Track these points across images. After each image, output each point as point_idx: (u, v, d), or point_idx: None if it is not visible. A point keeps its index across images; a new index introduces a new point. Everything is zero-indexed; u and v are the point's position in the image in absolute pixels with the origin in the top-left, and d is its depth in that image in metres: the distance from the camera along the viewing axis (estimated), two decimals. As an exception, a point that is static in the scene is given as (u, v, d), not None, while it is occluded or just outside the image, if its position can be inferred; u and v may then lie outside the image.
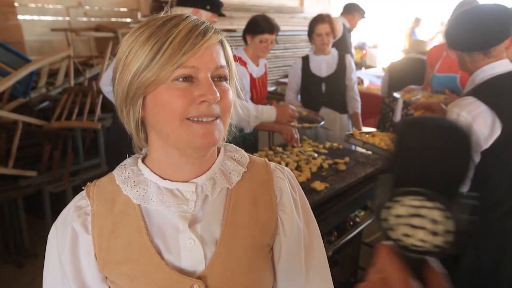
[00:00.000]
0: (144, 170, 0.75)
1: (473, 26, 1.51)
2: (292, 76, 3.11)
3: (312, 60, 3.00)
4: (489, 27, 1.48)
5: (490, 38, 1.49)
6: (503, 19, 1.46)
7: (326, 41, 2.87)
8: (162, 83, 0.65)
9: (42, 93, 3.34)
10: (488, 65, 1.52)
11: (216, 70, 0.68)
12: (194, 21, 0.68)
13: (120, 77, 0.68)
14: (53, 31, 4.29)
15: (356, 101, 3.04)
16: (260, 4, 6.63)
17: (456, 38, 1.56)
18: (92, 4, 4.79)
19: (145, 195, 0.72)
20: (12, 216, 2.81)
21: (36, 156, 3.14)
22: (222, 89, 0.69)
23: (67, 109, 3.10)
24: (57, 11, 4.51)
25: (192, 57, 0.65)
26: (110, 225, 0.72)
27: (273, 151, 2.38)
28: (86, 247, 0.72)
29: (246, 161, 0.81)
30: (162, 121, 0.67)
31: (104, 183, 0.76)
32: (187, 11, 2.31)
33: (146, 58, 0.64)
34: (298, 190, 0.85)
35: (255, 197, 0.78)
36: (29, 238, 2.92)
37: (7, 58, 3.07)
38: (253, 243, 0.76)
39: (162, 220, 0.73)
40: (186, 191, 0.72)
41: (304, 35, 6.80)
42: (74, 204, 0.75)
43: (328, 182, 1.93)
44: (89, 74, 3.60)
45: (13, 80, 2.81)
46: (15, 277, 2.68)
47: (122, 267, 0.71)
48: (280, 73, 6.32)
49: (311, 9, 7.70)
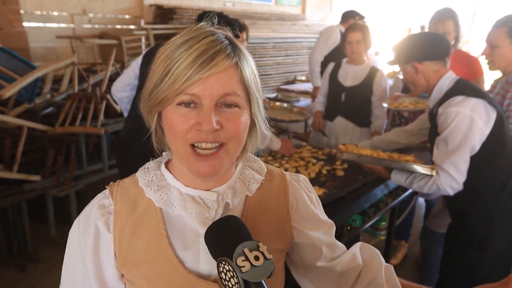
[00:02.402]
0: (167, 176, 0.77)
1: (433, 41, 1.84)
2: (323, 79, 3.12)
3: (342, 67, 2.97)
4: (445, 43, 1.83)
5: (447, 51, 1.83)
6: (445, 40, 1.86)
7: (355, 50, 2.81)
8: (167, 105, 0.68)
9: (46, 99, 3.40)
10: (446, 75, 1.81)
11: (222, 97, 0.66)
12: (209, 43, 0.66)
13: (144, 89, 0.73)
14: (58, 38, 4.35)
15: (379, 120, 2.90)
16: (262, 11, 6.71)
17: (427, 49, 1.81)
18: (96, 11, 4.86)
19: (167, 199, 0.74)
20: (16, 219, 2.85)
21: (40, 161, 3.18)
22: (227, 117, 0.67)
23: (71, 115, 3.16)
24: (62, 18, 4.59)
25: (193, 85, 0.65)
26: (131, 226, 0.74)
27: (272, 157, 2.43)
28: (107, 245, 0.74)
29: (263, 170, 0.83)
30: (170, 140, 0.71)
31: (128, 184, 0.78)
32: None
33: (158, 78, 0.68)
34: (316, 197, 0.89)
35: (271, 205, 0.81)
36: (32, 242, 2.95)
37: (12, 64, 3.13)
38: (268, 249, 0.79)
39: (183, 224, 0.75)
40: (207, 199, 0.75)
41: (305, 42, 6.89)
42: (97, 202, 0.76)
43: (326, 187, 1.96)
44: (93, 80, 3.66)
45: (19, 86, 2.86)
46: (18, 281, 2.70)
47: (141, 268, 0.73)
48: (281, 80, 6.37)
49: (313, 16, 7.78)
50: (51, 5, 4.47)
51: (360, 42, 2.79)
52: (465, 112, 1.65)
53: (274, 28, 6.32)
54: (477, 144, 1.68)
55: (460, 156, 1.67)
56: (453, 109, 1.68)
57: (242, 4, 6.53)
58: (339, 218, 1.87)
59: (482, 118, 1.66)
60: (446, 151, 1.70)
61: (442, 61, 1.82)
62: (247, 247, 0.58)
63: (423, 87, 1.87)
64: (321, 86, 3.15)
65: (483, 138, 1.68)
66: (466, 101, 1.67)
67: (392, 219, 2.48)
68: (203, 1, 5.95)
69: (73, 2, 4.64)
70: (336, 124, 3.01)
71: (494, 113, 1.68)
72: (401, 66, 1.90)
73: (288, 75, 6.49)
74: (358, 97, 2.88)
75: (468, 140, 1.66)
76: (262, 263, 0.57)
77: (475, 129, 1.65)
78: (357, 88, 2.87)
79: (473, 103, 1.66)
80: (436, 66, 1.80)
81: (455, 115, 1.67)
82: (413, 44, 1.85)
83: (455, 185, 1.70)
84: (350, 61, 2.92)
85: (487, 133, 1.67)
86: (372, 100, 2.87)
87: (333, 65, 3.05)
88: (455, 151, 1.67)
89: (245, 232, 0.62)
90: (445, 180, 1.70)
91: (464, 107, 1.66)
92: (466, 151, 1.67)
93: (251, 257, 0.57)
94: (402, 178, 1.87)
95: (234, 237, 0.60)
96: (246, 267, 0.56)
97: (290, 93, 5.06)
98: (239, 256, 0.57)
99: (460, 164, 1.68)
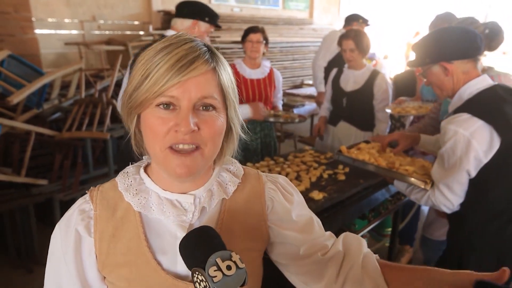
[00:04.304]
0: (145, 180, 0.79)
1: (463, 37, 1.58)
2: (328, 85, 3.14)
3: (344, 73, 2.99)
4: (478, 39, 1.57)
5: (478, 47, 1.57)
6: (477, 35, 1.58)
7: (349, 57, 2.83)
8: (146, 107, 0.70)
9: (54, 104, 3.46)
10: (474, 80, 1.58)
11: (200, 100, 0.69)
12: (188, 49, 0.69)
13: (124, 92, 0.75)
14: (66, 45, 4.44)
15: (382, 124, 2.90)
16: (270, 16, 6.73)
17: (453, 47, 1.58)
18: (106, 18, 4.95)
19: (145, 203, 0.76)
20: (24, 223, 2.90)
21: (47, 165, 3.24)
22: (205, 119, 0.70)
23: (78, 120, 3.21)
24: (72, 25, 4.68)
25: (172, 87, 0.67)
26: (111, 229, 0.76)
27: (274, 161, 2.43)
28: (89, 249, 0.76)
29: (240, 173, 0.85)
30: (148, 143, 0.73)
31: (107, 188, 0.80)
32: (187, 22, 2.36)
33: (138, 81, 0.70)
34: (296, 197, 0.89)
35: (247, 207, 0.83)
36: (39, 245, 3.00)
37: (21, 71, 3.21)
38: (244, 249, 0.81)
39: (161, 227, 0.77)
40: (185, 202, 0.76)
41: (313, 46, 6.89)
42: (78, 207, 0.78)
43: (327, 191, 1.96)
44: (100, 86, 3.72)
45: (27, 92, 2.93)
46: (25, 283, 2.75)
47: (121, 270, 0.75)
48: (288, 84, 6.37)
49: (321, 20, 7.77)
50: (62, 12, 4.57)
51: (353, 50, 2.79)
52: (463, 134, 1.48)
53: (282, 33, 6.34)
54: (472, 170, 1.52)
55: (454, 178, 1.55)
56: (452, 128, 1.52)
57: (249, 9, 6.57)
58: (337, 222, 1.86)
59: (483, 145, 1.48)
60: (442, 170, 1.59)
61: (474, 60, 1.58)
62: (219, 257, 0.59)
63: (450, 91, 1.64)
64: (326, 92, 3.17)
65: (478, 166, 1.51)
66: (469, 122, 1.49)
67: (396, 223, 2.46)
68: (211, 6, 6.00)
69: (83, 9, 4.73)
70: (339, 128, 3.02)
71: (499, 141, 1.47)
72: (425, 68, 1.67)
73: (295, 79, 6.50)
74: (359, 101, 2.88)
75: (463, 164, 1.51)
76: (235, 272, 0.58)
77: (471, 155, 1.49)
78: (357, 92, 2.87)
79: (476, 127, 1.47)
80: (467, 66, 1.58)
81: (453, 134, 1.51)
82: (440, 41, 1.60)
83: (449, 205, 1.60)
84: (350, 66, 2.93)
85: (485, 162, 1.50)
86: (374, 104, 2.87)
87: (335, 70, 3.07)
88: (450, 172, 1.55)
89: (219, 242, 0.63)
90: (439, 198, 1.61)
91: (464, 129, 1.48)
92: (461, 174, 1.53)
93: (223, 267, 0.58)
94: (403, 187, 1.80)
95: (208, 247, 0.61)
96: (218, 277, 0.57)
97: (296, 97, 5.06)
98: (211, 266, 0.58)
99: (454, 186, 1.56)
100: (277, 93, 3.02)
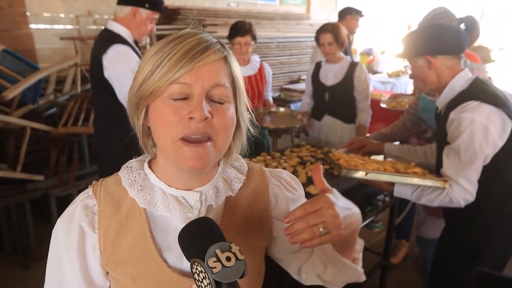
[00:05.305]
0: (150, 175, 0.78)
1: (449, 33, 1.65)
2: (307, 81, 3.16)
3: (322, 67, 3.00)
4: (463, 36, 1.65)
5: (462, 45, 1.66)
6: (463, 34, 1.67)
7: (328, 51, 2.85)
8: (158, 96, 0.69)
9: (50, 99, 3.44)
10: (460, 73, 1.66)
11: (212, 88, 0.68)
12: (199, 39, 0.69)
13: (131, 86, 0.74)
14: (61, 39, 4.41)
15: (363, 113, 2.95)
16: (266, 11, 6.70)
17: (439, 42, 1.64)
18: (102, 12, 4.91)
19: (150, 199, 0.74)
20: (20, 219, 2.89)
21: (43, 161, 3.23)
22: (217, 109, 0.69)
23: (74, 115, 3.20)
24: (67, 20, 4.64)
25: (186, 74, 0.66)
26: (116, 226, 0.75)
27: (271, 156, 2.43)
28: (93, 245, 0.75)
29: (245, 169, 0.85)
30: (158, 134, 0.71)
31: (111, 183, 0.78)
32: (126, 9, 2.20)
33: (150, 71, 0.69)
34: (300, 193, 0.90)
35: (251, 203, 0.83)
36: (36, 241, 3.00)
37: (16, 66, 3.18)
38: (249, 245, 0.80)
39: (166, 224, 0.76)
40: (190, 199, 0.75)
41: (310, 41, 6.86)
42: (80, 202, 0.77)
43: (323, 186, 1.96)
44: (96, 81, 3.69)
45: (22, 88, 2.90)
46: (21, 279, 2.75)
47: (126, 266, 0.74)
48: (285, 79, 6.36)
49: (318, 15, 7.75)
50: (57, 7, 4.52)
51: (332, 43, 2.82)
52: (479, 120, 1.50)
53: (279, 28, 6.30)
54: (490, 155, 1.55)
55: (473, 167, 1.54)
56: (467, 116, 1.52)
57: (246, 4, 6.53)
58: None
59: (497, 128, 1.52)
60: (458, 162, 1.57)
61: (457, 57, 1.66)
62: (219, 248, 0.59)
63: (434, 85, 1.70)
64: (306, 87, 3.19)
65: (495, 149, 1.55)
66: (480, 107, 1.52)
67: (392, 217, 2.46)
68: (208, 1, 5.97)
69: (79, 4, 4.69)
70: (324, 123, 3.05)
71: (510, 123, 1.54)
72: (411, 60, 1.73)
73: (292, 75, 6.47)
74: (341, 95, 2.93)
75: (482, 151, 1.52)
76: (234, 264, 0.58)
77: (489, 140, 1.51)
78: (339, 85, 2.91)
79: (488, 111, 1.51)
80: (451, 62, 1.65)
81: (469, 122, 1.52)
82: (427, 36, 1.66)
83: (469, 197, 1.57)
84: (329, 60, 2.95)
85: (501, 145, 1.54)
86: (354, 95, 2.92)
87: (313, 66, 3.09)
88: (468, 162, 1.54)
89: (218, 233, 0.63)
90: (458, 193, 1.57)
91: (479, 115, 1.51)
92: (479, 162, 1.54)
93: (223, 258, 0.58)
94: (408, 192, 1.69)
95: (207, 238, 0.61)
96: (217, 268, 0.57)
97: (293, 92, 5.05)
98: (210, 257, 0.58)
99: (473, 176, 1.55)
100: (268, 86, 3.01)
